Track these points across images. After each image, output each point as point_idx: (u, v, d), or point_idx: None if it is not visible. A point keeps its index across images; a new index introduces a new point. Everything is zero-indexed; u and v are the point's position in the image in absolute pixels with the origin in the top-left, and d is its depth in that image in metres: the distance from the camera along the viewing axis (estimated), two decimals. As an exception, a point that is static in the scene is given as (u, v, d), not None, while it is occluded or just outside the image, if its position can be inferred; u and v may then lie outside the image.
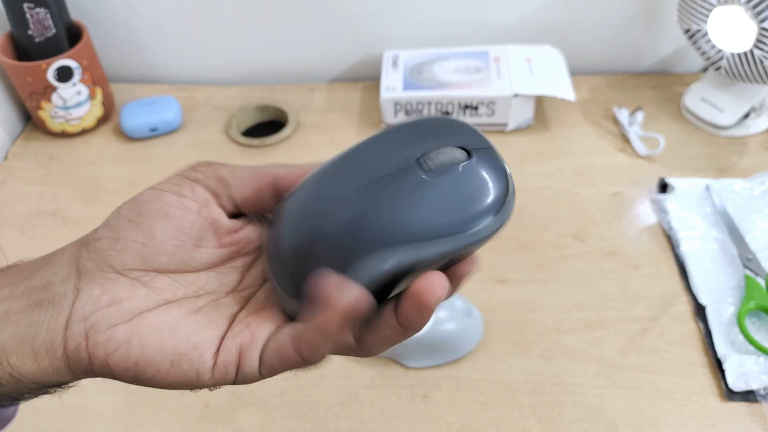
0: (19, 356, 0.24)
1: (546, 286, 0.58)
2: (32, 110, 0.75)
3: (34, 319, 0.25)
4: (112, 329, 0.25)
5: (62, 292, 0.25)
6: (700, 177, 0.67)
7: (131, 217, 0.26)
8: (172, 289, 0.27)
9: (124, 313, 0.25)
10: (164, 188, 0.26)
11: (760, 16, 0.61)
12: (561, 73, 0.74)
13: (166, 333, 0.25)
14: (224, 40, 0.82)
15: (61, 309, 0.25)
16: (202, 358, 0.25)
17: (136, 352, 0.24)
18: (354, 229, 0.24)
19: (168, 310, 0.26)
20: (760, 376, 0.50)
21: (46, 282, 0.26)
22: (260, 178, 0.28)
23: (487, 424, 0.49)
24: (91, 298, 0.25)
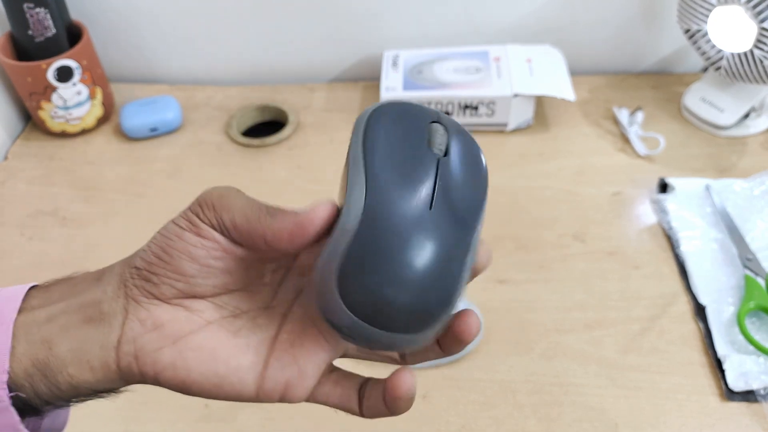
0: (76, 368, 0.26)
1: (546, 286, 0.58)
2: (32, 110, 0.75)
3: (89, 335, 0.27)
4: (158, 352, 0.27)
5: (112, 311, 0.27)
6: (700, 177, 0.67)
7: (160, 254, 0.27)
8: (210, 311, 0.28)
9: (168, 336, 0.27)
10: (183, 226, 0.27)
11: (760, 16, 0.61)
12: (561, 73, 0.74)
13: (207, 357, 0.27)
14: (224, 40, 0.82)
15: (112, 328, 0.27)
16: (242, 382, 0.27)
17: (182, 374, 0.27)
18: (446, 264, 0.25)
19: (209, 332, 0.28)
20: (760, 376, 0.50)
21: (97, 300, 0.27)
22: (251, 225, 0.27)
23: (487, 424, 0.49)
24: (138, 320, 0.27)
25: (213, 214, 0.27)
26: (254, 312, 0.29)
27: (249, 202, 0.28)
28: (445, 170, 0.26)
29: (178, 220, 0.28)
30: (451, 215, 0.25)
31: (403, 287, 0.24)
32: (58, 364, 0.26)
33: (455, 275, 0.25)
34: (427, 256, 0.24)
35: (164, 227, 0.28)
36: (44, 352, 0.26)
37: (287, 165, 0.72)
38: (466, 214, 0.26)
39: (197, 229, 0.27)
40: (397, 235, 0.24)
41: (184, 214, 0.28)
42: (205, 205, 0.27)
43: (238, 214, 0.27)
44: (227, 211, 0.27)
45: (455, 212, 0.26)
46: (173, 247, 0.27)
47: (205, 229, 0.27)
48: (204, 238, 0.27)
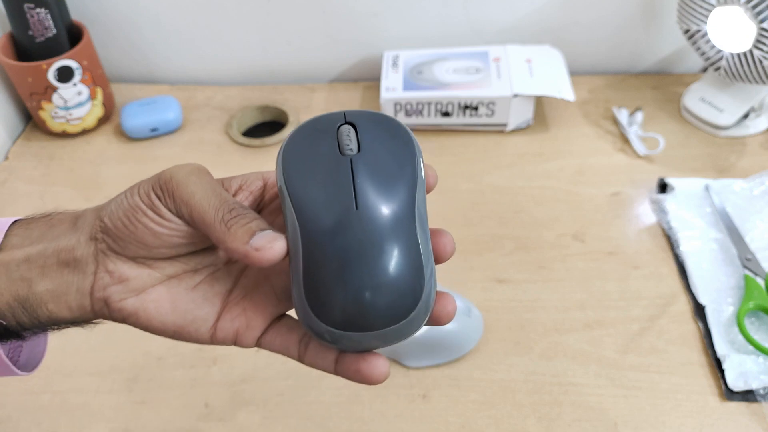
0: (55, 305, 0.29)
1: (546, 286, 0.58)
2: (33, 110, 0.75)
3: (66, 279, 0.29)
4: (124, 302, 0.29)
5: (84, 259, 0.29)
6: (699, 177, 0.67)
7: (126, 222, 0.28)
8: (173, 267, 0.30)
9: (131, 289, 0.29)
10: (146, 204, 0.28)
11: (759, 17, 0.61)
12: (561, 73, 0.75)
13: (167, 309, 0.30)
14: (225, 40, 0.82)
15: (85, 275, 0.29)
16: (198, 332, 0.30)
17: (144, 321, 0.29)
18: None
19: (169, 285, 0.30)
20: (760, 376, 0.50)
21: (71, 246, 0.29)
22: (206, 227, 0.28)
23: (486, 423, 0.49)
24: (107, 271, 0.29)
25: (172, 203, 0.28)
26: (213, 267, 0.31)
27: (207, 196, 0.28)
28: (360, 167, 0.27)
29: (141, 195, 0.28)
30: (380, 206, 0.26)
31: (357, 292, 0.25)
32: (37, 301, 0.28)
33: (405, 262, 0.26)
34: (368, 256, 0.25)
35: (131, 195, 0.29)
36: (24, 290, 0.28)
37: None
38: (397, 200, 0.26)
39: (158, 210, 0.28)
40: (335, 248, 0.26)
41: (146, 191, 0.29)
42: (166, 190, 0.28)
43: (195, 211, 0.28)
44: (185, 205, 0.28)
45: (386, 202, 0.26)
46: (137, 219, 0.28)
47: (165, 213, 0.28)
48: (165, 220, 0.28)
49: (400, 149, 0.28)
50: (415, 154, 0.28)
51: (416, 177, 0.27)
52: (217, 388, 0.52)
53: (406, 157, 0.28)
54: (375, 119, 0.29)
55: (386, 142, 0.28)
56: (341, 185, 0.26)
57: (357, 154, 0.27)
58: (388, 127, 0.29)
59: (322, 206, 0.26)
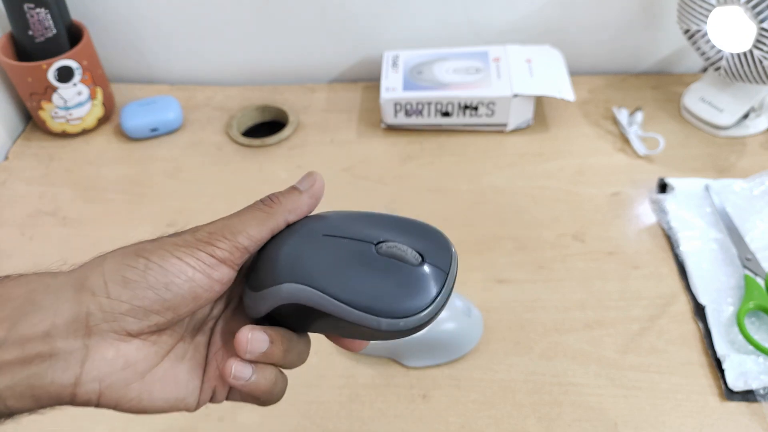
0: (17, 401, 0.24)
1: (546, 286, 0.58)
2: (33, 110, 0.75)
3: (34, 372, 0.24)
4: (127, 388, 0.26)
5: (67, 348, 0.25)
6: (699, 177, 0.67)
7: (160, 291, 0.25)
8: (170, 340, 0.28)
9: (137, 373, 0.27)
10: (196, 266, 0.26)
11: (759, 17, 0.61)
12: (561, 73, 0.75)
13: (171, 386, 0.28)
14: (225, 41, 0.82)
15: (68, 366, 0.25)
16: (192, 400, 0.29)
17: (146, 403, 0.27)
18: (294, 259, 0.28)
19: (169, 360, 0.28)
20: (760, 376, 0.50)
21: (43, 332, 0.24)
22: (267, 226, 0.28)
23: (486, 423, 0.49)
24: (105, 360, 0.25)
25: (227, 243, 0.27)
26: (193, 331, 0.30)
27: (242, 215, 0.28)
28: (359, 249, 0.29)
29: (184, 257, 0.26)
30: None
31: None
32: None
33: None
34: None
35: (161, 259, 0.26)
36: None
37: (287, 165, 0.72)
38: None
39: (210, 271, 0.26)
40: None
41: (192, 253, 0.26)
42: (217, 239, 0.27)
43: (250, 228, 0.27)
44: (239, 233, 0.27)
45: (331, 264, 0.28)
46: (180, 287, 0.26)
47: (218, 270, 0.26)
48: (213, 281, 0.26)
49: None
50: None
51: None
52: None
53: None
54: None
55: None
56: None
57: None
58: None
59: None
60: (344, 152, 0.73)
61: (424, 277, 0.27)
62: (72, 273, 0.26)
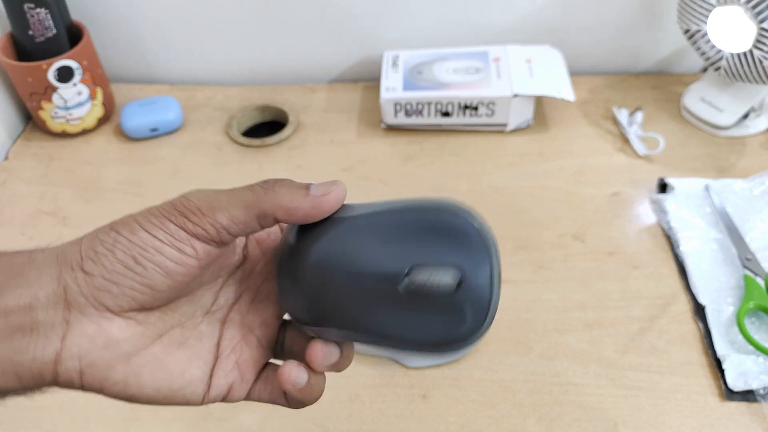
0: (1, 377, 0.24)
1: (546, 286, 0.58)
2: (33, 110, 0.75)
3: (16, 346, 0.24)
4: (110, 369, 0.25)
5: (48, 321, 0.24)
6: (699, 177, 0.67)
7: (129, 263, 0.24)
8: (162, 322, 0.27)
9: (122, 354, 0.25)
10: (164, 239, 0.25)
11: (759, 17, 0.61)
12: (561, 73, 0.75)
13: (163, 373, 0.26)
14: (225, 40, 0.82)
15: (48, 341, 0.24)
16: (194, 393, 0.27)
17: (133, 389, 0.26)
18: (333, 304, 0.27)
19: (161, 345, 0.27)
20: (760, 376, 0.50)
21: (26, 305, 0.24)
22: (252, 211, 0.26)
23: (486, 423, 0.49)
24: (86, 335, 0.24)
25: (203, 220, 0.25)
26: (196, 319, 0.29)
27: (234, 191, 0.26)
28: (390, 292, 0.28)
29: (153, 230, 0.25)
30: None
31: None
32: None
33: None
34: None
35: (130, 232, 0.25)
36: None
37: (287, 165, 0.72)
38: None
39: (181, 243, 0.25)
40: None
41: (161, 224, 0.25)
42: (190, 212, 0.25)
43: (234, 208, 0.25)
44: (220, 210, 0.25)
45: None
46: (149, 259, 0.24)
47: (190, 243, 0.25)
48: (185, 255, 0.25)
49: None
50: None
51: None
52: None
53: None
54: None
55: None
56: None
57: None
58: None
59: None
60: (344, 152, 0.73)
61: (459, 308, 0.26)
62: (56, 248, 0.26)
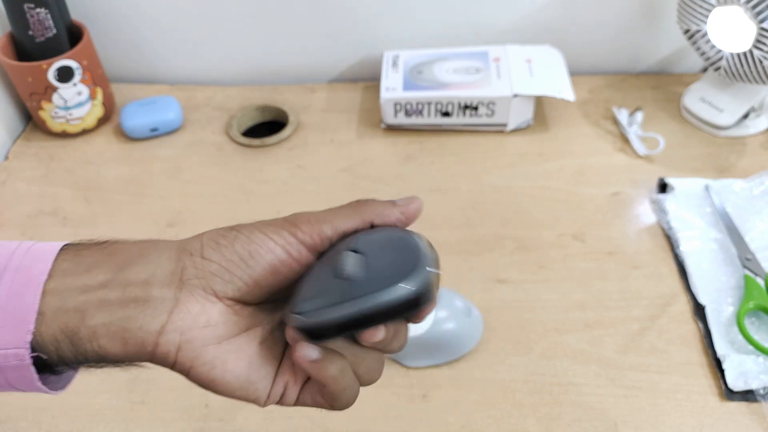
0: (109, 341, 0.27)
1: (546, 286, 0.58)
2: (33, 110, 0.75)
3: (129, 314, 0.27)
4: (204, 348, 0.28)
5: (161, 296, 0.27)
6: (699, 177, 0.67)
7: (245, 256, 0.28)
8: (252, 318, 0.30)
9: (216, 336, 0.28)
10: (277, 241, 0.28)
11: (759, 17, 0.61)
12: (561, 73, 0.75)
13: (245, 362, 0.29)
14: (225, 41, 0.82)
15: (157, 313, 0.27)
16: (262, 389, 0.29)
17: (218, 373, 0.28)
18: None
19: (247, 338, 0.29)
20: (760, 376, 0.50)
21: (143, 280, 0.27)
22: (353, 220, 0.30)
23: (486, 423, 0.49)
24: (190, 314, 0.27)
25: (312, 228, 0.29)
26: (273, 323, 0.31)
27: (334, 209, 0.30)
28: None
29: (269, 233, 0.28)
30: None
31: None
32: (89, 335, 0.26)
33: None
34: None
35: (249, 232, 0.29)
36: (76, 322, 0.26)
37: (287, 165, 0.72)
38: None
39: (290, 248, 0.28)
40: None
41: (276, 230, 0.29)
42: (301, 223, 0.29)
43: (336, 220, 0.29)
44: (325, 222, 0.29)
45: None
46: (262, 257, 0.28)
47: (297, 249, 0.29)
48: (292, 258, 0.28)
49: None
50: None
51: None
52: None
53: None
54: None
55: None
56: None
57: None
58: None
59: None
60: (344, 152, 0.73)
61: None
62: (179, 240, 0.29)
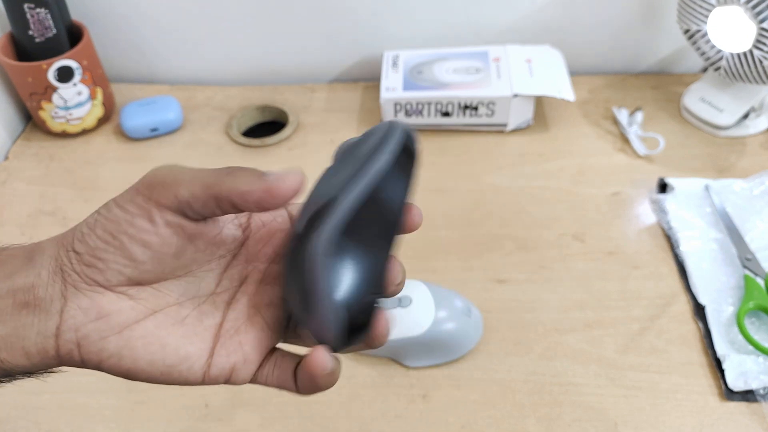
0: (9, 353, 0.26)
1: (546, 286, 0.58)
2: (33, 110, 0.75)
3: (22, 322, 0.26)
4: (104, 341, 0.26)
5: (48, 296, 0.26)
6: (699, 177, 0.67)
7: (107, 238, 0.26)
8: (156, 299, 0.28)
9: (113, 325, 0.26)
10: (134, 211, 0.26)
11: (759, 17, 0.61)
12: (561, 73, 0.75)
13: (156, 347, 0.27)
14: (225, 40, 0.82)
15: (49, 315, 0.26)
16: (191, 370, 0.28)
17: (128, 362, 0.27)
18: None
19: (155, 320, 0.28)
20: (760, 376, 0.50)
21: (30, 284, 0.26)
22: (210, 192, 0.27)
23: (487, 423, 0.49)
24: (80, 309, 0.26)
25: (166, 192, 0.26)
26: (198, 299, 0.29)
27: (200, 170, 0.27)
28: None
29: (125, 204, 0.26)
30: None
31: None
32: None
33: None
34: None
35: (107, 210, 0.27)
36: None
37: (287, 165, 0.72)
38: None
39: (150, 213, 0.26)
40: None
41: (130, 198, 0.26)
42: (155, 185, 0.26)
43: (195, 184, 0.26)
44: (182, 185, 0.26)
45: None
46: (123, 232, 0.26)
47: (158, 213, 0.26)
48: (157, 225, 0.26)
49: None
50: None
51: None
52: (217, 389, 0.52)
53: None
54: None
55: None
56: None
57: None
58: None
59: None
60: (344, 152, 0.73)
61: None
62: (59, 235, 0.28)
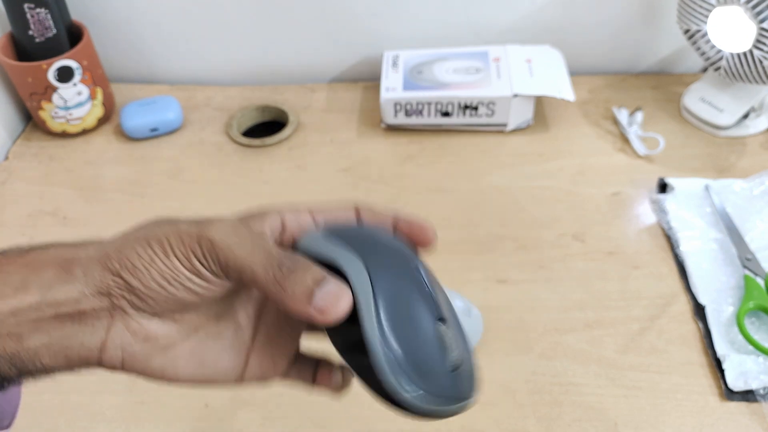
0: (51, 359, 0.26)
1: (546, 286, 0.58)
2: (33, 110, 0.75)
3: (67, 332, 0.26)
4: (149, 359, 0.28)
5: (94, 313, 0.27)
6: (699, 177, 0.67)
7: (164, 284, 0.27)
8: (197, 318, 0.29)
9: (159, 347, 0.28)
10: (185, 266, 0.26)
11: (759, 17, 0.61)
12: (561, 73, 0.75)
13: (196, 364, 0.29)
14: (225, 41, 0.82)
15: (95, 330, 0.27)
16: (226, 380, 0.30)
17: (170, 375, 0.29)
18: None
19: (197, 338, 0.29)
20: (760, 376, 0.50)
21: (74, 299, 0.26)
22: (260, 283, 0.26)
23: (487, 423, 0.49)
24: (128, 330, 0.27)
25: (217, 266, 0.26)
26: (234, 312, 0.31)
27: (252, 254, 0.26)
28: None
29: (181, 259, 0.26)
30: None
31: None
32: (29, 356, 0.26)
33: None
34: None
35: (167, 257, 0.26)
36: (13, 346, 0.26)
37: (287, 165, 0.72)
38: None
39: (203, 275, 0.26)
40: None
41: (185, 255, 0.26)
42: (208, 254, 0.26)
43: (245, 273, 0.26)
44: (233, 269, 0.26)
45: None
46: (182, 283, 0.26)
47: (210, 278, 0.27)
48: (209, 283, 0.27)
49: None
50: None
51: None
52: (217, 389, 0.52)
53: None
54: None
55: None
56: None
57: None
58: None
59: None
60: (344, 152, 0.73)
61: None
62: (98, 248, 0.27)
